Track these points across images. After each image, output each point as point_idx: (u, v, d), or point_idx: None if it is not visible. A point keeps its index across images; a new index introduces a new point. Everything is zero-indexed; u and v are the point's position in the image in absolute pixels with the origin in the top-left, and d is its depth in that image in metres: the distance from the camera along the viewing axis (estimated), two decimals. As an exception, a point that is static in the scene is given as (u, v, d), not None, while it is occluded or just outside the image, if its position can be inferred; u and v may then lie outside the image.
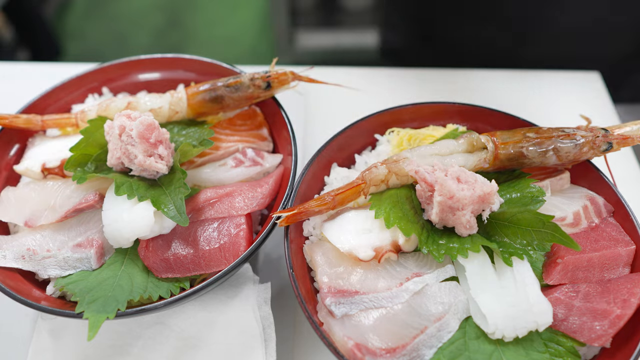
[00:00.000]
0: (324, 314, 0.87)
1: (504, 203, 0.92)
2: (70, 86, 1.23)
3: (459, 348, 0.83)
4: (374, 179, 0.97)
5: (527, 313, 0.81)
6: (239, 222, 0.97)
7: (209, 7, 4.25)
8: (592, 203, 0.98)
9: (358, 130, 1.12)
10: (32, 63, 1.74)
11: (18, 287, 0.92)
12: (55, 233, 0.98)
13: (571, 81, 1.62)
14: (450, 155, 0.99)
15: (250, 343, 0.96)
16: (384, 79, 1.64)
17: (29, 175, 1.08)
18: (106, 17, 4.20)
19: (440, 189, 0.87)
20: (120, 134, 0.97)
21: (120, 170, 1.02)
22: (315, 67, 1.29)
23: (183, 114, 1.12)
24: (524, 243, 0.88)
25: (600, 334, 0.82)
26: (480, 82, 1.62)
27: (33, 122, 1.12)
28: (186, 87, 1.25)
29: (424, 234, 0.90)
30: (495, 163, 0.98)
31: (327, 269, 0.90)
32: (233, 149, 1.11)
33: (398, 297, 0.86)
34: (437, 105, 1.14)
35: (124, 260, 0.97)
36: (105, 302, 0.88)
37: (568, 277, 0.88)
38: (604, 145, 0.97)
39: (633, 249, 0.92)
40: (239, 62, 1.39)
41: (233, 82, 1.11)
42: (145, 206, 0.93)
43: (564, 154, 0.96)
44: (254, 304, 0.99)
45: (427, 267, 0.91)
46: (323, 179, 1.09)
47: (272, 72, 1.12)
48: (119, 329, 0.99)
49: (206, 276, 0.96)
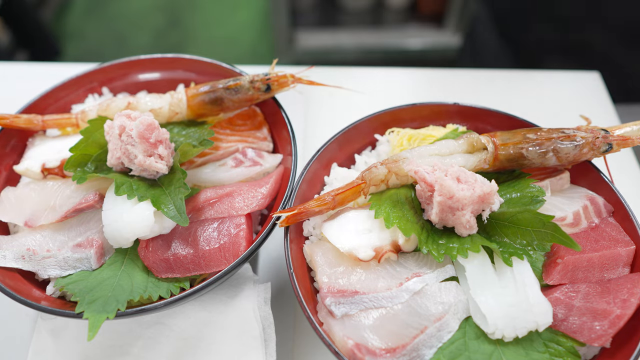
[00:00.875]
0: (324, 314, 0.87)
1: (504, 203, 0.92)
2: (70, 86, 1.23)
3: (459, 348, 0.83)
4: (373, 178, 0.97)
5: (527, 313, 0.81)
6: (239, 222, 0.97)
7: (209, 7, 4.25)
8: (592, 203, 0.98)
9: (358, 130, 1.12)
10: (31, 63, 1.74)
11: (18, 287, 0.92)
12: (55, 233, 0.98)
13: (571, 81, 1.62)
14: (450, 156, 0.99)
15: (250, 343, 0.96)
16: (384, 78, 1.64)
17: (29, 176, 1.07)
18: (106, 17, 4.20)
19: (440, 189, 0.87)
20: (120, 134, 0.97)
21: (120, 170, 1.02)
22: (315, 67, 1.29)
23: (183, 115, 1.12)
24: (524, 243, 0.88)
25: (600, 334, 0.82)
26: (480, 82, 1.62)
27: (34, 122, 1.12)
28: (186, 87, 1.25)
29: (423, 234, 0.90)
30: (495, 164, 0.98)
31: (327, 269, 0.90)
32: (233, 149, 1.11)
33: (398, 297, 0.86)
34: (437, 106, 1.14)
35: (124, 260, 0.97)
36: (105, 302, 0.88)
37: (568, 277, 0.88)
38: (604, 146, 0.97)
39: (633, 249, 0.92)
40: (239, 62, 1.39)
41: (233, 85, 1.11)
42: (145, 206, 0.93)
43: (564, 155, 0.96)
44: (254, 304, 0.99)
45: (427, 267, 0.91)
46: (323, 179, 1.09)
47: (272, 75, 1.12)
48: (119, 329, 0.99)
49: (206, 276, 0.96)
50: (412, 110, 1.14)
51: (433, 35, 3.66)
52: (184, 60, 1.26)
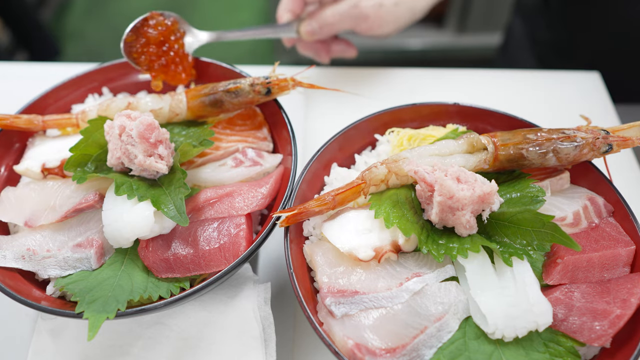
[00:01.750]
0: (324, 314, 0.87)
1: (504, 203, 0.92)
2: (70, 86, 1.23)
3: (459, 348, 0.83)
4: (373, 178, 0.97)
5: (527, 313, 0.81)
6: (239, 222, 0.97)
7: (209, 7, 4.25)
8: (592, 203, 0.98)
9: (358, 130, 1.12)
10: (31, 63, 1.73)
11: (18, 287, 0.92)
12: (55, 233, 0.98)
13: (571, 81, 1.62)
14: (450, 156, 0.99)
15: (250, 343, 0.96)
16: (384, 79, 1.64)
17: (29, 175, 1.07)
18: (106, 17, 4.20)
19: (440, 189, 0.87)
20: (120, 134, 0.97)
21: (120, 170, 1.02)
22: (315, 67, 1.29)
23: (183, 116, 1.12)
24: (524, 243, 0.88)
25: (600, 334, 0.82)
26: (479, 81, 1.62)
27: (34, 122, 1.12)
28: (186, 87, 1.25)
29: (423, 234, 0.90)
30: (495, 164, 0.98)
31: (327, 269, 0.90)
32: (233, 149, 1.11)
33: (398, 297, 0.86)
34: (437, 106, 1.14)
35: (124, 260, 0.97)
36: (105, 302, 0.88)
37: (568, 277, 0.88)
38: (604, 147, 0.97)
39: (633, 249, 0.91)
40: (239, 62, 1.39)
41: (233, 88, 1.10)
42: (145, 206, 0.93)
43: (564, 155, 0.96)
44: (254, 304, 0.99)
45: (427, 267, 0.91)
46: (323, 179, 1.09)
47: (273, 78, 1.12)
48: (119, 329, 0.99)
49: (206, 276, 0.96)
50: (412, 110, 1.14)
51: (433, 35, 3.66)
52: (184, 60, 1.26)
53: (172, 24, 1.21)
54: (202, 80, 1.25)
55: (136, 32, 1.18)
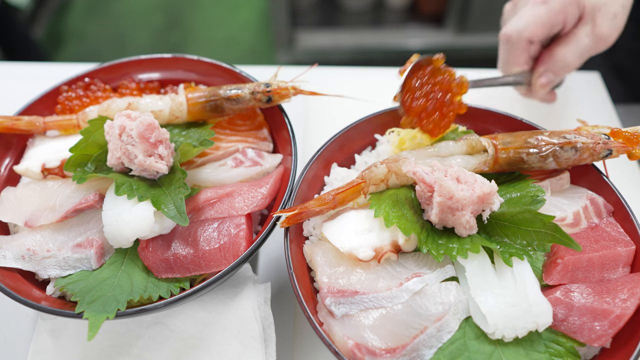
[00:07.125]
0: (324, 314, 0.87)
1: (504, 203, 0.92)
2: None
3: (459, 348, 0.83)
4: (373, 178, 0.97)
5: (527, 313, 0.81)
6: (239, 222, 0.97)
7: (208, 7, 4.25)
8: (592, 203, 0.98)
9: (358, 130, 1.12)
10: (32, 63, 1.73)
11: (18, 287, 0.92)
12: (55, 233, 0.98)
13: (571, 81, 1.62)
14: (449, 157, 0.99)
15: (250, 343, 0.96)
16: (384, 79, 1.63)
17: (29, 176, 1.07)
18: (106, 17, 4.20)
19: (439, 189, 0.87)
20: (120, 134, 0.97)
21: (120, 170, 1.02)
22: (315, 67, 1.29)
23: (183, 119, 1.12)
24: (524, 243, 0.88)
25: (600, 334, 0.82)
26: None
27: (35, 124, 1.12)
28: (186, 87, 1.25)
29: (423, 234, 0.90)
30: (495, 167, 0.98)
31: (327, 269, 0.90)
32: (233, 149, 1.11)
33: (398, 297, 0.86)
34: (437, 106, 1.14)
35: (124, 260, 0.97)
36: (105, 302, 0.88)
37: (568, 277, 0.88)
38: (604, 152, 0.97)
39: (633, 249, 0.92)
40: (239, 62, 1.39)
41: (234, 96, 1.10)
42: (145, 206, 0.93)
43: (564, 160, 0.96)
44: (253, 304, 0.99)
45: (427, 267, 0.91)
46: (323, 179, 1.09)
47: (273, 86, 1.12)
48: (119, 329, 0.99)
49: (206, 276, 0.96)
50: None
51: (433, 35, 3.66)
52: (184, 60, 1.26)
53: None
54: (202, 81, 1.25)
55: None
